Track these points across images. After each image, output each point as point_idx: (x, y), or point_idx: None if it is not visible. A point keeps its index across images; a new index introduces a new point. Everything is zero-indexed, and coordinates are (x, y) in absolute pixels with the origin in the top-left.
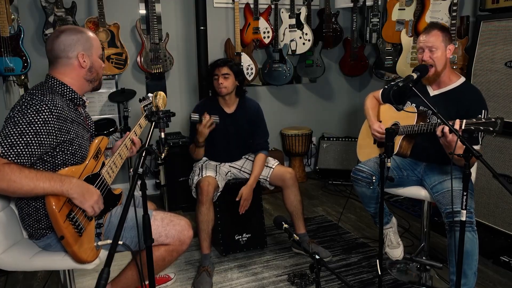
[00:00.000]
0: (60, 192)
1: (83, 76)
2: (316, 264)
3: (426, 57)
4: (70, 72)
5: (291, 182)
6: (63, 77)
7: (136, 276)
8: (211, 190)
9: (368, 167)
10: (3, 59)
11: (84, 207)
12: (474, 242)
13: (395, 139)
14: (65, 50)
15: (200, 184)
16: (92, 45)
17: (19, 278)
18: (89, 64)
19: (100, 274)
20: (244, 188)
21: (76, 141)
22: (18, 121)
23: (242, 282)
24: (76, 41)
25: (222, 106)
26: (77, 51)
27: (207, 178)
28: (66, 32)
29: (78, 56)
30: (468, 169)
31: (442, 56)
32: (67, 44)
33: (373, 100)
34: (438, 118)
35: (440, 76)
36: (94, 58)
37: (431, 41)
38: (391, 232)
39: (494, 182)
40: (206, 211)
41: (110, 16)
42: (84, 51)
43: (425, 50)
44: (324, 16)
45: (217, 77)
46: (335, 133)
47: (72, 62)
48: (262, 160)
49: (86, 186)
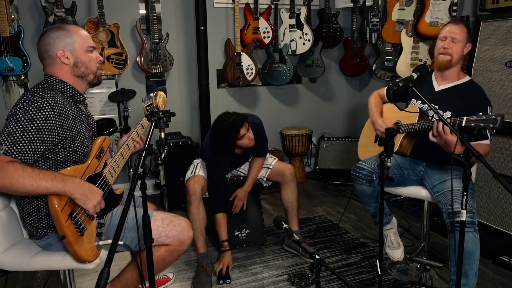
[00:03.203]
0: (63, 191)
1: (71, 72)
2: (316, 264)
3: (448, 45)
4: (59, 70)
5: (290, 178)
6: (57, 76)
7: (136, 277)
8: (198, 189)
9: (369, 165)
10: (3, 59)
11: (86, 208)
12: (475, 243)
13: (395, 138)
14: (46, 50)
15: (186, 184)
16: (73, 40)
17: (19, 278)
18: (73, 60)
19: (100, 274)
20: (240, 190)
21: (78, 138)
22: (20, 118)
23: (242, 282)
24: (55, 38)
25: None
26: (56, 48)
27: (195, 177)
28: (46, 32)
29: (58, 54)
30: (469, 169)
31: (460, 50)
32: (46, 43)
33: (377, 98)
34: (438, 117)
35: (450, 68)
36: (79, 52)
37: (457, 33)
38: (392, 233)
39: (494, 182)
40: (195, 210)
41: (110, 16)
42: (64, 47)
43: (447, 38)
44: (324, 16)
45: (244, 136)
46: (335, 133)
47: (55, 60)
48: (260, 163)
49: (89, 186)
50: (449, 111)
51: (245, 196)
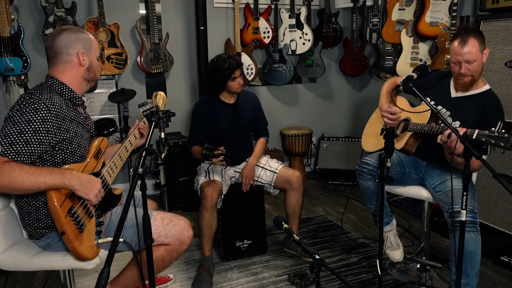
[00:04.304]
0: (62, 184)
1: (82, 75)
2: (316, 264)
3: (465, 70)
4: (70, 70)
5: (296, 186)
6: (62, 77)
7: (136, 276)
8: (215, 196)
9: (374, 160)
10: (3, 59)
11: (88, 198)
12: (477, 243)
13: (403, 135)
14: (66, 46)
15: (205, 190)
16: (92, 46)
17: (19, 278)
18: (87, 63)
19: (100, 274)
20: (245, 168)
21: (75, 140)
22: (17, 120)
23: (242, 282)
24: (78, 39)
25: (224, 99)
26: (77, 48)
27: (212, 183)
28: (68, 30)
29: (78, 54)
30: (468, 169)
31: (479, 65)
32: (69, 41)
33: (392, 85)
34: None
35: (474, 83)
36: (93, 58)
37: (469, 53)
38: (391, 235)
39: (494, 182)
40: (209, 217)
41: (110, 16)
42: (84, 49)
43: (462, 63)
44: (324, 16)
45: (235, 78)
46: (335, 133)
47: (72, 59)
48: (263, 143)
49: (87, 177)
50: (458, 121)
51: (251, 172)
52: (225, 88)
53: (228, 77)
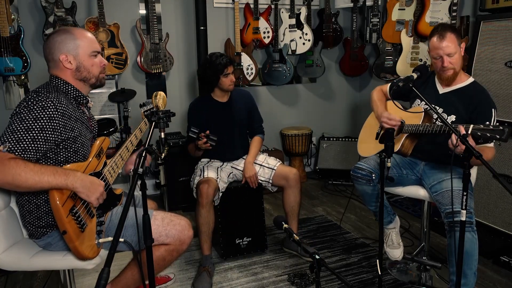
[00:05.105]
0: (65, 185)
1: (73, 76)
2: (316, 264)
3: (447, 63)
4: (62, 73)
5: (293, 183)
6: (61, 77)
7: (136, 276)
8: (211, 192)
9: (368, 165)
10: (3, 59)
11: (90, 200)
12: (474, 242)
13: (399, 137)
14: (50, 53)
15: (200, 186)
16: (78, 45)
17: (19, 278)
18: (75, 64)
19: (100, 274)
20: (244, 169)
21: (79, 139)
22: (24, 117)
23: (242, 282)
24: (60, 42)
25: (217, 98)
26: (59, 53)
27: (207, 179)
28: (52, 35)
29: (60, 58)
30: (468, 169)
31: (459, 57)
32: (51, 47)
33: (381, 93)
34: (441, 120)
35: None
36: (82, 57)
37: (448, 46)
38: (394, 233)
39: (494, 182)
40: (206, 213)
41: (110, 16)
42: (67, 52)
43: (443, 56)
44: (324, 16)
45: (228, 74)
46: (335, 133)
47: (58, 64)
48: (259, 141)
49: (91, 179)
50: (453, 115)
51: (251, 170)
52: (218, 85)
53: (220, 72)
